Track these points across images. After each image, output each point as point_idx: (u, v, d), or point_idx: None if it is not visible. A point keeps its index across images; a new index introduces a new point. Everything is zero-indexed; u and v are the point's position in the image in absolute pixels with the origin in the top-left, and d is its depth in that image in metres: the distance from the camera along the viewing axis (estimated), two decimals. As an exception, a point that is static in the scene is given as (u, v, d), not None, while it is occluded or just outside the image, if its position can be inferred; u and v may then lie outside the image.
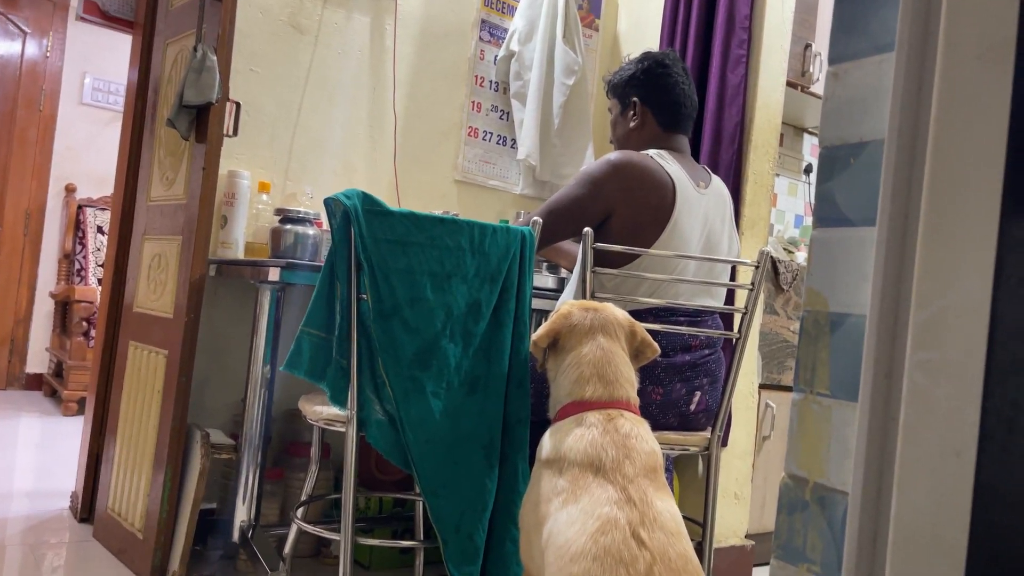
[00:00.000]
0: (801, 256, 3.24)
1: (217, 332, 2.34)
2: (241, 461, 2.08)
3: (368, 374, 1.64)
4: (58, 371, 4.58)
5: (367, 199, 1.61)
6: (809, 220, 3.92)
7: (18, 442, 3.55)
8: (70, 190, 4.87)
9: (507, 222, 2.36)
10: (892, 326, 0.70)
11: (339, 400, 1.64)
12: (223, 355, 2.35)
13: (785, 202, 3.83)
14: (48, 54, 4.81)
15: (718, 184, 2.05)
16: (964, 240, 0.65)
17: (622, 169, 1.90)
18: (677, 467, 2.60)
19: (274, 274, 1.89)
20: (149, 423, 2.11)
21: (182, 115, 2.02)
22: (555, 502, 1.38)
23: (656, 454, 1.44)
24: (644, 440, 1.44)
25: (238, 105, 2.23)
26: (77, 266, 4.73)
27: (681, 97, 2.04)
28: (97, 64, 4.92)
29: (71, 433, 3.74)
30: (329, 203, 1.60)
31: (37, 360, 4.83)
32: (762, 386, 2.69)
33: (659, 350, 1.61)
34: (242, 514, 2.06)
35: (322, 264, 1.64)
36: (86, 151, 4.90)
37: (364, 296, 1.61)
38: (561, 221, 1.94)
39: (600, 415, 1.45)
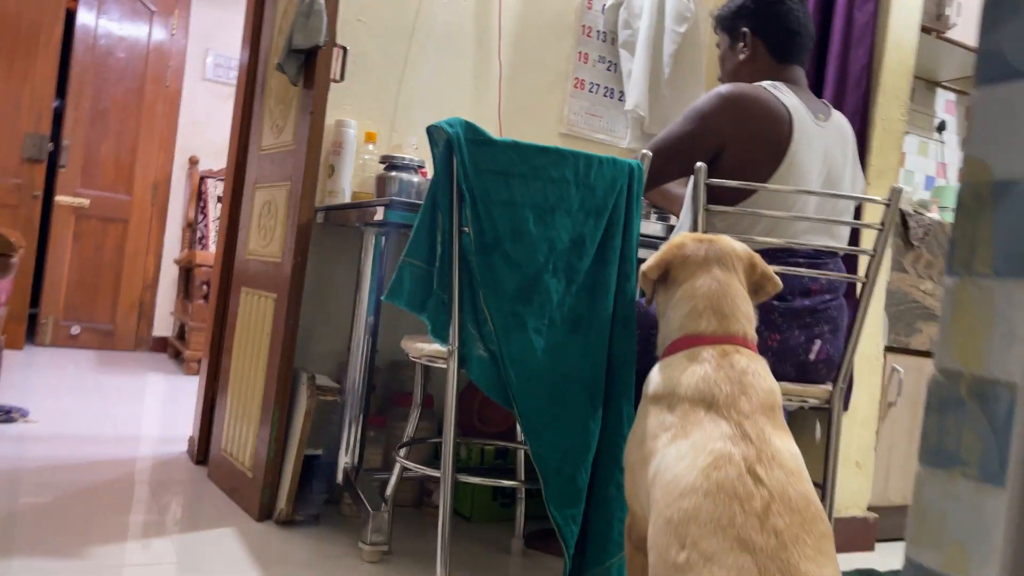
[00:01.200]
0: (934, 215, 3.00)
1: (324, 281, 2.37)
2: (345, 405, 2.10)
3: (469, 309, 1.61)
4: (181, 334, 4.82)
5: (470, 128, 1.57)
6: (940, 182, 3.64)
7: (145, 396, 3.75)
8: (193, 162, 5.10)
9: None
10: (1078, 177, 0.59)
11: (440, 335, 1.61)
12: (329, 304, 2.38)
13: (914, 162, 3.56)
14: (174, 32, 5.04)
15: (839, 119, 1.89)
16: None
17: (734, 101, 1.78)
18: (793, 431, 2.45)
19: (379, 213, 1.88)
20: (259, 366, 2.16)
21: (291, 60, 2.04)
22: (663, 438, 1.30)
23: (775, 393, 1.34)
24: (762, 377, 1.34)
25: (345, 50, 2.23)
26: (199, 234, 4.95)
27: (796, 25, 1.89)
28: (218, 41, 5.13)
29: (192, 390, 3.91)
30: (432, 131, 1.57)
31: (163, 324, 5.10)
32: (888, 348, 2.50)
33: (781, 285, 1.49)
34: (346, 457, 2.08)
35: (426, 205, 1.61)
36: (207, 125, 5.12)
37: (466, 229, 1.58)
38: (669, 160, 1.83)
39: (714, 350, 1.36)
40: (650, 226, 2.24)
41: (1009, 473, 0.62)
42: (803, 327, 1.78)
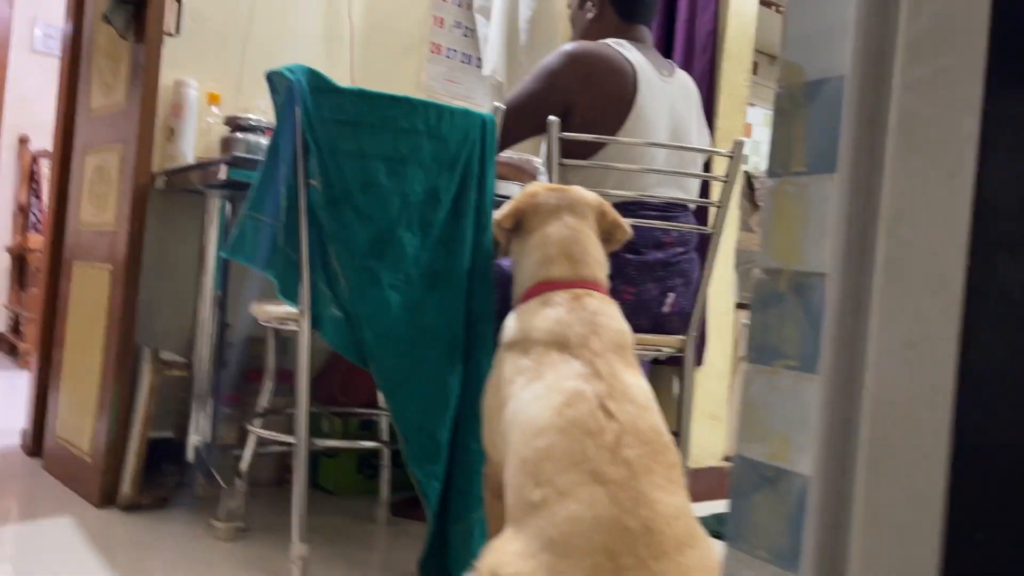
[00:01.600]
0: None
1: (167, 253, 2.22)
2: (193, 382, 1.98)
3: (320, 267, 1.54)
4: (16, 327, 4.43)
5: (314, 75, 1.50)
6: (784, 153, 3.85)
7: (-28, 393, 3.42)
8: (23, 141, 4.68)
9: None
10: (878, 63, 0.61)
11: (289, 294, 1.54)
12: (174, 277, 2.23)
13: (760, 133, 3.75)
14: (-5, -2, 4.60)
15: (684, 76, 1.96)
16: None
17: (578, 58, 1.81)
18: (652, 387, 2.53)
19: (223, 172, 1.77)
20: (97, 344, 2.00)
21: (119, 10, 1.89)
22: (519, 381, 1.30)
23: (625, 333, 1.36)
24: (612, 318, 1.36)
25: (180, 2, 2.09)
26: (32, 219, 4.56)
27: None
28: (47, 10, 4.72)
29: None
30: (272, 77, 1.49)
31: (-5, 318, 4.67)
32: (738, 305, 2.62)
33: (630, 232, 1.52)
34: (196, 436, 1.97)
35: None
36: (39, 101, 4.70)
37: (313, 182, 1.51)
38: (519, 119, 1.83)
39: (567, 294, 1.37)
40: (508, 187, 2.23)
41: (821, 359, 0.64)
42: (657, 280, 1.83)
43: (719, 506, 2.48)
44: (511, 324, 1.39)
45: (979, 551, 0.52)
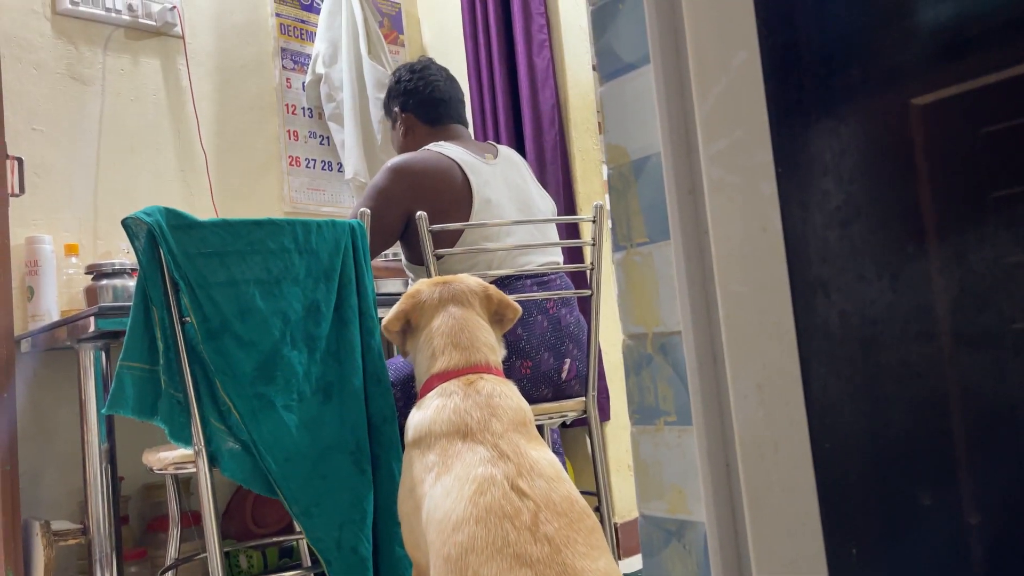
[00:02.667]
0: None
1: (45, 417, 2.11)
2: (92, 544, 1.86)
3: (209, 402, 1.51)
4: None
5: (171, 214, 1.49)
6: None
7: None
8: None
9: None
10: (685, 140, 0.68)
11: (181, 437, 1.50)
12: (55, 439, 2.12)
13: (621, 187, 3.93)
14: None
15: (507, 152, 2.07)
16: (728, 14, 0.64)
17: (401, 170, 1.90)
18: (568, 449, 2.56)
19: (91, 325, 1.72)
20: (-23, 529, 1.86)
21: (-46, 178, 1.82)
22: (428, 479, 1.30)
23: (524, 410, 1.39)
24: (508, 397, 1.38)
25: (20, 161, 2.04)
26: None
27: (439, 94, 2.08)
28: None
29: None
30: (129, 224, 1.47)
31: None
32: (632, 354, 2.70)
33: (519, 310, 1.57)
34: (105, 604, 1.84)
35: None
36: None
37: (187, 319, 1.48)
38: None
39: (459, 382, 1.39)
40: (389, 284, 2.26)
41: (692, 409, 0.69)
42: (550, 348, 1.88)
43: (653, 554, 2.51)
44: (412, 423, 1.40)
45: (859, 565, 0.56)
